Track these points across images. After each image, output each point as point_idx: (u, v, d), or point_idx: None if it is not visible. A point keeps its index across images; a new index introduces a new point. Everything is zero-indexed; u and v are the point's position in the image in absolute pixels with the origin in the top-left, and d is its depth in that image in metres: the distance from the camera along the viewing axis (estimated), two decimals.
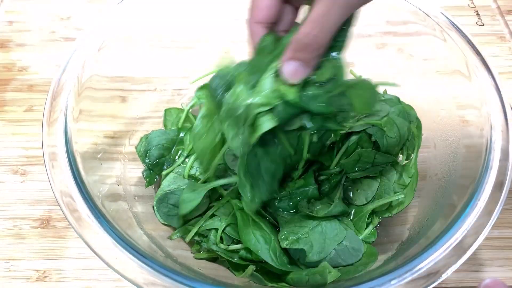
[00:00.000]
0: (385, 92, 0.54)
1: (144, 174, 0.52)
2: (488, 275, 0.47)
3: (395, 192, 0.48)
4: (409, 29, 0.54)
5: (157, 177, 0.52)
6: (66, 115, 0.44)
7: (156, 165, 0.52)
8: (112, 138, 0.52)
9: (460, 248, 0.35)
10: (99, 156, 0.49)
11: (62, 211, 0.39)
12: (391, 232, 0.47)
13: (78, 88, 0.46)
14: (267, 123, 0.34)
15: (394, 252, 0.42)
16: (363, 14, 0.55)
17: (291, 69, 0.32)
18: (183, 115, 0.55)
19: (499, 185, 0.40)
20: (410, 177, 0.49)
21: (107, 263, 0.36)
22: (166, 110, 0.57)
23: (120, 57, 0.53)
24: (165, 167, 0.52)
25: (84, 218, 0.38)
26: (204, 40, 0.59)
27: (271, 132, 0.35)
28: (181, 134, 0.54)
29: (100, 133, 0.50)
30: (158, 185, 0.51)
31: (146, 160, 0.52)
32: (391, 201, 0.48)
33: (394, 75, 0.56)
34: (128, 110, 0.55)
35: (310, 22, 0.30)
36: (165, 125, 0.56)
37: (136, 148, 0.52)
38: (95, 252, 0.37)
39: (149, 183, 0.51)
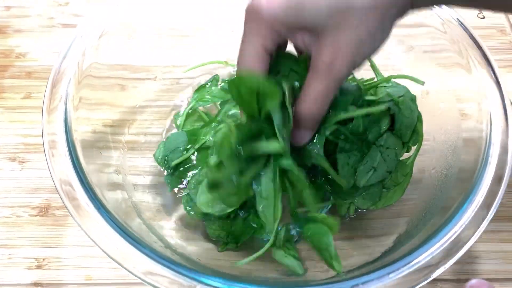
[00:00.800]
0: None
1: (167, 180, 0.50)
2: (483, 267, 0.48)
3: (387, 188, 0.47)
4: (410, 20, 0.54)
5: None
6: (66, 103, 0.44)
7: (176, 168, 0.50)
8: (111, 126, 0.52)
9: (458, 242, 0.36)
10: (98, 145, 0.48)
11: (62, 199, 0.39)
12: (387, 223, 0.48)
13: (78, 75, 0.46)
14: None
15: (392, 245, 0.42)
16: None
17: (301, 136, 0.39)
18: (182, 120, 0.54)
19: (497, 179, 0.40)
20: (405, 175, 0.48)
21: (106, 252, 0.36)
22: (175, 115, 0.56)
23: (120, 45, 0.52)
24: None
25: (83, 207, 0.39)
26: (205, 28, 0.59)
27: None
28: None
29: (99, 121, 0.50)
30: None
31: (166, 165, 0.50)
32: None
33: (394, 67, 0.56)
34: (128, 99, 0.55)
35: (312, 100, 0.36)
36: (177, 126, 0.55)
37: (154, 156, 0.51)
38: (94, 241, 0.37)
39: (172, 187, 0.50)
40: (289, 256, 0.44)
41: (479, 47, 0.48)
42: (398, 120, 0.46)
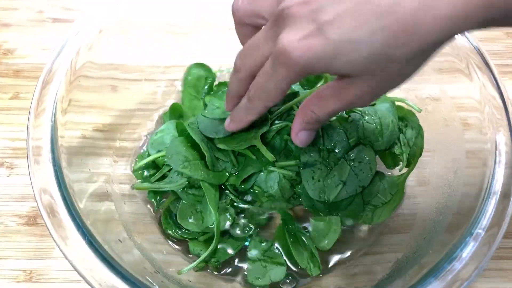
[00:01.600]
0: None
1: (151, 197, 0.49)
2: (481, 285, 0.47)
3: (373, 205, 0.46)
4: None
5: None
6: (55, 105, 0.42)
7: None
8: (101, 131, 0.50)
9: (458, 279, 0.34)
10: (87, 151, 0.47)
11: (39, 210, 0.37)
12: (385, 241, 0.47)
13: (70, 75, 0.44)
14: None
15: (389, 272, 0.41)
16: None
17: (301, 134, 0.39)
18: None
19: (503, 195, 0.39)
20: (393, 194, 0.46)
21: (73, 266, 0.36)
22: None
23: (116, 44, 0.50)
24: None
25: (62, 220, 0.37)
26: (202, 27, 0.57)
27: None
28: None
29: (89, 125, 0.48)
30: None
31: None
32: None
33: None
34: (120, 101, 0.52)
35: (323, 109, 0.36)
36: None
37: (133, 170, 0.49)
38: (66, 257, 0.36)
39: (158, 205, 0.48)
40: (270, 265, 0.44)
41: (480, 52, 0.46)
42: (360, 128, 0.46)
